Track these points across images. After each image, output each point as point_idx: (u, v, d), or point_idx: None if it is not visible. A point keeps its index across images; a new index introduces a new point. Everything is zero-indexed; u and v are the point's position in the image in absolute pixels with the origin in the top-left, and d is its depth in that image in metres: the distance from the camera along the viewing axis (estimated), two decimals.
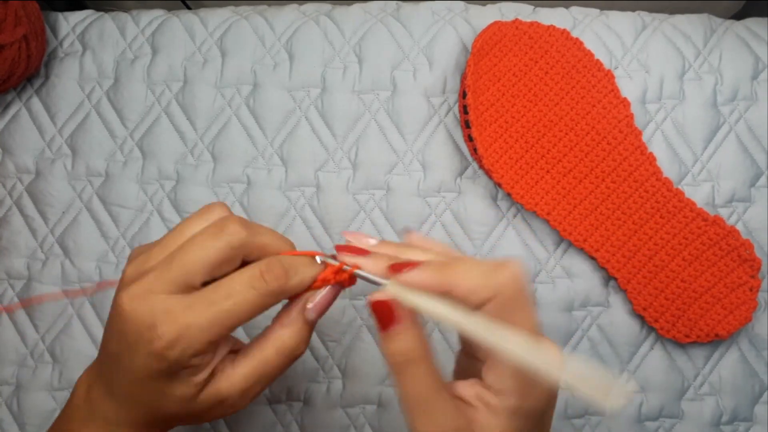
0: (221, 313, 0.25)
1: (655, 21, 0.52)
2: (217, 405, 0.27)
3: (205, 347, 0.25)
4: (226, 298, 0.25)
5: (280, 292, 0.26)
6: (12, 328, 0.48)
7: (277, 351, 0.27)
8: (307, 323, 0.28)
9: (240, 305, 0.25)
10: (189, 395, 0.26)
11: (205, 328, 0.24)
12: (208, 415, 0.27)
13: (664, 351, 0.47)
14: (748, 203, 0.48)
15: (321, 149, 0.50)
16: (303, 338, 0.28)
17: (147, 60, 0.52)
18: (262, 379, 0.27)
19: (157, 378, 0.25)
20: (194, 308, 0.25)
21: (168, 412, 0.27)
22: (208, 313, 0.25)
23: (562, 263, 0.48)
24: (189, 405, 0.26)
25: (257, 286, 0.25)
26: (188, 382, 0.26)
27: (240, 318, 0.25)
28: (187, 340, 0.24)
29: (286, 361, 0.27)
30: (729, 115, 0.50)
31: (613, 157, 0.47)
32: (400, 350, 0.24)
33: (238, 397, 0.27)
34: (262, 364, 0.27)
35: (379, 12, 0.53)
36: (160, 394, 0.26)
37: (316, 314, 0.27)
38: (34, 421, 0.46)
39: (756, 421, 0.46)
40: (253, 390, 0.27)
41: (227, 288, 0.25)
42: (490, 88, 0.48)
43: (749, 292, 0.45)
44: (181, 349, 0.24)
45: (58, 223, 0.50)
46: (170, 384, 0.26)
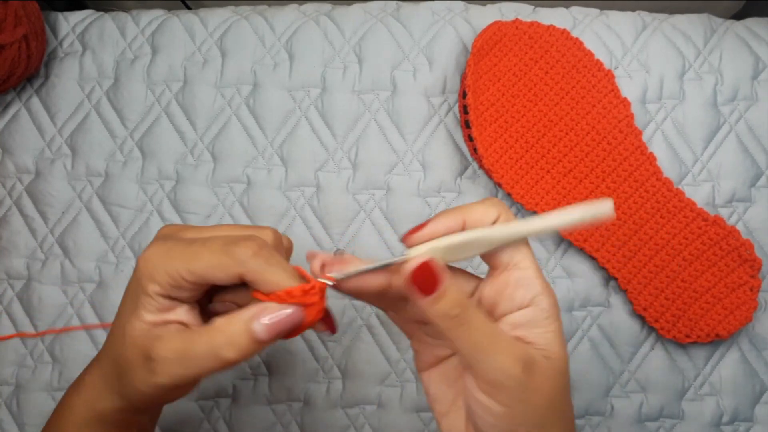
0: (188, 253, 0.26)
1: (655, 21, 0.52)
2: (144, 362, 0.26)
3: (163, 278, 0.26)
4: (200, 244, 0.26)
5: (240, 261, 0.26)
6: (12, 329, 0.48)
7: (211, 354, 0.26)
8: (252, 338, 0.25)
9: (206, 254, 0.26)
10: (135, 331, 0.27)
11: (170, 259, 0.26)
12: (139, 379, 0.27)
13: (665, 351, 0.47)
14: (749, 203, 0.48)
15: (321, 149, 0.50)
16: (240, 354, 0.25)
17: (147, 60, 0.52)
18: (186, 363, 0.26)
19: (128, 302, 0.28)
20: (178, 245, 0.27)
21: (122, 358, 0.27)
22: (181, 250, 0.26)
23: (562, 263, 0.48)
24: (131, 349, 0.27)
25: (226, 246, 0.26)
26: (140, 317, 0.27)
27: (199, 265, 0.26)
28: (154, 262, 0.26)
29: (216, 366, 0.26)
30: (729, 115, 0.50)
31: (614, 157, 0.47)
32: (455, 302, 0.25)
33: (162, 363, 0.26)
34: (192, 354, 0.26)
35: (379, 12, 0.53)
36: (123, 327, 0.27)
37: (268, 334, 0.25)
38: (33, 421, 0.46)
39: (756, 422, 0.46)
40: (175, 369, 0.26)
41: (207, 241, 0.27)
42: (490, 88, 0.48)
43: (749, 292, 0.45)
44: (146, 267, 0.26)
45: (57, 223, 0.50)
46: (132, 313, 0.27)
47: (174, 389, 0.27)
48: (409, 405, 0.46)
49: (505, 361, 0.24)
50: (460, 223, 0.26)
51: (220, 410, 0.46)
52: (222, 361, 0.25)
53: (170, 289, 0.26)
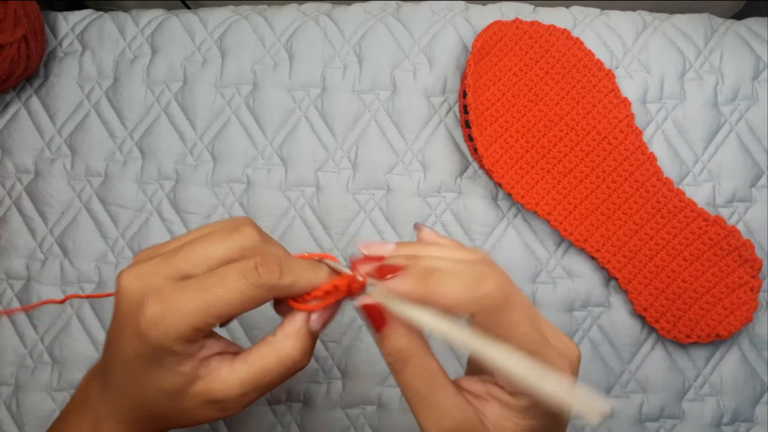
0: (209, 298, 0.24)
1: (655, 21, 0.52)
2: (208, 405, 0.26)
3: (189, 332, 0.24)
4: (216, 285, 0.24)
5: (272, 287, 0.25)
6: (11, 329, 0.48)
7: (280, 361, 0.26)
8: (312, 335, 0.27)
9: (229, 293, 0.24)
10: (175, 388, 0.25)
11: (191, 312, 0.24)
12: (198, 416, 0.27)
13: (665, 351, 0.47)
14: (749, 203, 0.48)
15: (321, 149, 0.50)
16: (307, 350, 0.27)
17: (146, 60, 0.52)
18: (259, 387, 0.26)
19: (143, 363, 0.25)
20: (184, 291, 0.24)
21: (155, 406, 0.26)
22: (196, 297, 0.24)
23: (562, 263, 0.48)
24: (176, 401, 0.26)
25: (249, 276, 0.25)
26: (173, 371, 0.25)
27: (228, 307, 0.24)
28: (171, 320, 0.24)
29: (287, 372, 0.26)
30: (730, 115, 0.50)
31: (614, 157, 0.47)
32: (393, 349, 0.24)
33: (233, 401, 0.26)
34: (262, 371, 0.26)
35: (379, 12, 0.53)
36: (146, 384, 0.26)
37: (321, 324, 0.27)
38: (33, 421, 0.46)
39: (757, 422, 0.46)
40: (248, 396, 0.26)
41: (220, 276, 0.25)
42: (491, 87, 0.48)
43: (750, 293, 0.45)
44: (163, 329, 0.24)
45: (57, 223, 0.50)
46: (156, 372, 0.25)
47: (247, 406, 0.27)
48: None
49: (431, 424, 0.24)
50: (423, 298, 0.23)
51: None
52: (294, 366, 0.26)
53: (195, 336, 0.25)
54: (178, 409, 0.26)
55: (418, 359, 0.24)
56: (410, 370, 0.24)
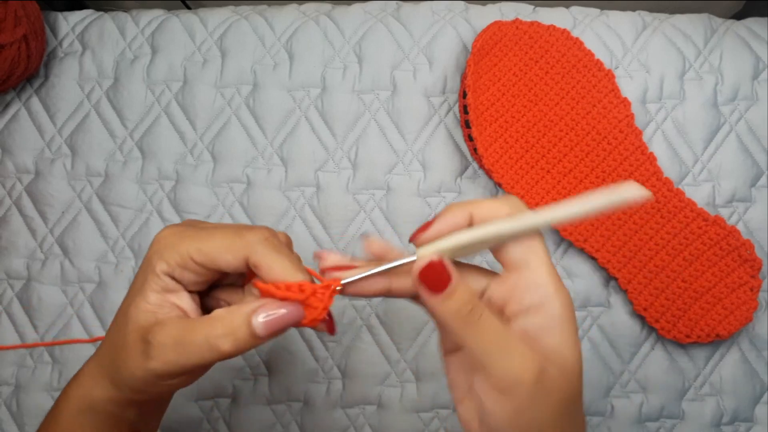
0: (201, 236, 0.27)
1: (655, 21, 0.52)
2: (139, 343, 0.27)
3: (172, 258, 0.27)
4: (213, 229, 0.28)
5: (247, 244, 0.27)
6: (11, 329, 0.48)
7: (208, 346, 0.26)
8: (251, 334, 0.25)
9: (216, 237, 0.27)
10: (136, 310, 0.27)
11: (182, 242, 0.27)
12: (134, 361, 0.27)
13: (665, 351, 0.47)
14: (749, 203, 0.48)
15: (321, 149, 0.50)
16: (238, 348, 0.25)
17: (147, 60, 0.52)
18: (182, 353, 0.26)
19: (136, 282, 0.28)
20: (192, 229, 0.28)
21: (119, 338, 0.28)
22: (194, 234, 0.27)
23: (562, 263, 0.48)
24: (129, 328, 0.27)
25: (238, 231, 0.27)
26: (145, 295, 0.27)
27: (209, 247, 0.27)
28: (166, 242, 0.27)
29: (212, 358, 0.26)
30: (729, 115, 0.50)
31: (614, 157, 0.47)
32: (465, 301, 0.24)
33: (157, 348, 0.26)
34: (189, 343, 0.26)
35: (379, 12, 0.53)
36: (125, 310, 0.28)
37: (266, 330, 0.25)
38: (33, 421, 0.46)
39: (756, 422, 0.46)
40: (169, 355, 0.26)
41: (221, 228, 0.28)
42: (490, 87, 0.48)
43: (750, 292, 0.45)
44: (157, 248, 0.27)
45: (57, 223, 0.50)
46: (138, 293, 0.27)
47: (166, 377, 0.27)
48: (409, 405, 0.46)
49: (516, 367, 0.24)
50: (466, 218, 0.26)
51: (220, 410, 0.46)
52: (217, 352, 0.25)
53: (177, 269, 0.27)
54: (127, 343, 0.27)
55: (485, 313, 0.25)
56: (485, 318, 0.24)
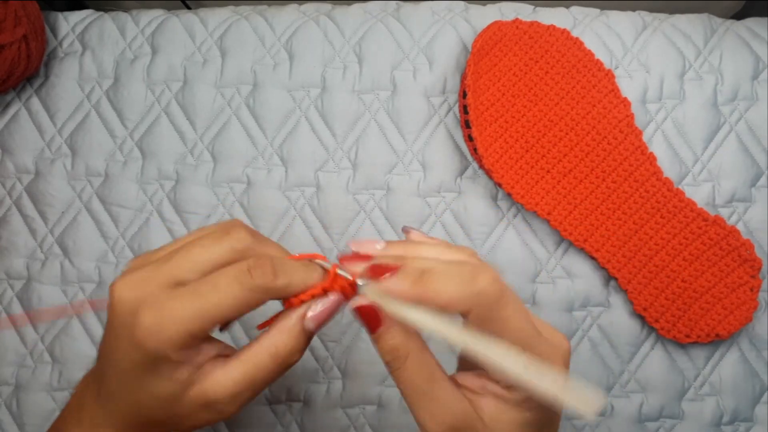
0: (204, 305, 0.24)
1: (655, 21, 0.52)
2: (204, 409, 0.26)
3: (185, 339, 0.24)
4: (210, 290, 0.24)
5: (266, 289, 0.25)
6: (12, 329, 0.48)
7: (272, 357, 0.26)
8: (305, 332, 0.26)
9: (224, 298, 0.24)
10: (171, 394, 0.25)
11: (187, 319, 0.24)
12: (194, 420, 0.26)
13: (665, 351, 0.47)
14: (749, 203, 0.48)
15: (321, 149, 0.50)
16: (299, 347, 0.26)
17: (147, 60, 0.52)
18: (253, 385, 0.26)
19: (139, 371, 0.25)
20: (178, 298, 0.24)
21: (151, 414, 0.26)
22: (191, 304, 0.24)
23: (562, 263, 0.48)
24: (172, 406, 0.26)
25: (243, 280, 0.24)
26: (170, 378, 0.25)
27: (223, 311, 0.24)
28: (167, 329, 0.24)
29: (279, 369, 0.26)
30: (729, 115, 0.50)
31: (614, 157, 0.47)
32: (390, 348, 0.25)
33: (227, 401, 0.26)
34: (255, 368, 0.26)
35: (379, 12, 0.53)
36: (142, 391, 0.25)
37: (315, 324, 0.26)
38: (33, 421, 0.46)
39: (756, 422, 0.46)
40: (243, 396, 0.26)
41: (213, 281, 0.25)
42: (490, 87, 0.48)
43: (750, 292, 0.45)
44: (159, 338, 0.24)
45: (57, 223, 0.50)
46: (152, 379, 0.25)
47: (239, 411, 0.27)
48: None
49: (430, 419, 0.24)
50: (418, 298, 0.23)
51: None
52: (285, 362, 0.26)
53: (191, 343, 0.25)
54: (174, 415, 0.26)
55: (414, 356, 0.25)
56: (407, 368, 0.24)
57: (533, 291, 0.47)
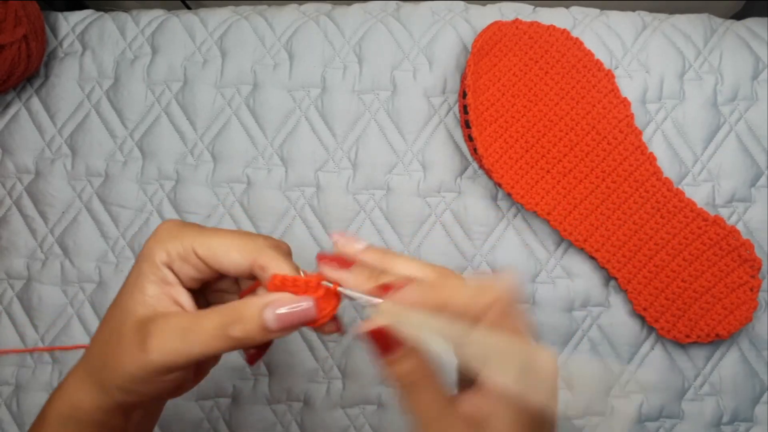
0: (206, 233, 0.27)
1: (655, 21, 0.52)
2: (136, 334, 0.25)
3: (172, 247, 0.26)
4: (222, 231, 0.27)
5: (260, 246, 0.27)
6: (12, 329, 0.48)
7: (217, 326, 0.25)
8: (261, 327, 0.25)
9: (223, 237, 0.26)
10: (132, 301, 0.26)
11: (185, 235, 0.26)
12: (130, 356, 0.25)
13: (665, 351, 0.47)
14: (749, 203, 0.48)
15: (321, 149, 0.50)
16: (248, 336, 0.25)
17: (147, 60, 0.52)
18: (188, 340, 0.25)
19: (131, 276, 0.27)
20: (195, 226, 0.27)
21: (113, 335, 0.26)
22: (197, 230, 0.27)
23: (562, 263, 0.48)
24: (125, 321, 0.26)
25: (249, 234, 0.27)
26: (141, 286, 0.26)
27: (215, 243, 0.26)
28: (167, 233, 0.27)
29: (224, 344, 0.25)
30: (729, 115, 0.50)
31: (614, 157, 0.47)
32: (405, 373, 0.24)
33: (157, 340, 0.25)
34: (196, 327, 0.25)
35: (379, 12, 0.53)
36: (119, 305, 0.27)
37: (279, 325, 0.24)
38: (33, 421, 0.46)
39: (756, 422, 0.46)
40: (171, 343, 0.25)
41: (227, 230, 0.27)
42: (490, 88, 0.48)
43: (750, 292, 0.45)
44: (158, 237, 0.27)
45: (57, 223, 0.50)
46: (133, 286, 0.26)
47: (164, 371, 0.25)
48: None
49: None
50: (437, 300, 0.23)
51: (220, 410, 0.46)
52: (227, 339, 0.24)
53: (177, 261, 0.26)
54: (121, 337, 0.26)
55: (429, 382, 0.24)
56: (422, 394, 0.24)
57: (533, 291, 0.47)
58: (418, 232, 0.48)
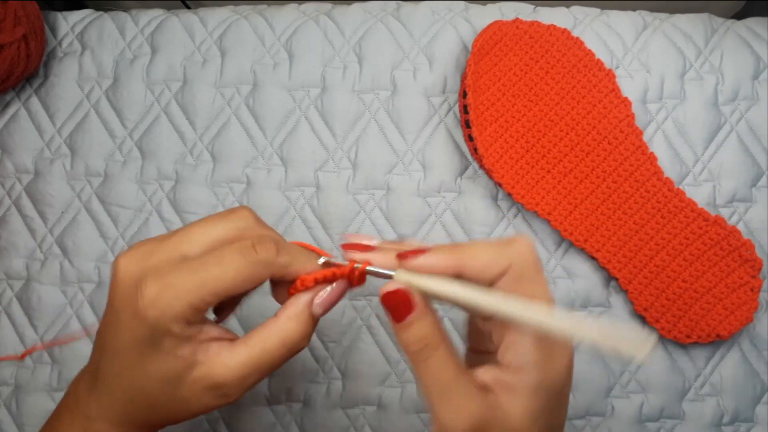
0: (207, 277, 0.24)
1: (655, 20, 0.52)
2: (208, 391, 0.25)
3: (188, 312, 0.24)
4: (214, 263, 0.24)
5: (269, 263, 0.25)
6: (11, 329, 0.48)
7: (280, 342, 0.26)
8: (312, 318, 0.27)
9: (227, 271, 0.24)
10: (174, 373, 0.25)
11: (189, 290, 0.24)
12: (197, 405, 0.26)
13: (665, 351, 0.47)
14: (749, 203, 0.48)
15: (321, 149, 0.50)
16: (307, 332, 0.27)
17: (146, 60, 0.52)
18: (260, 369, 0.26)
19: (140, 348, 0.25)
20: (182, 270, 0.24)
21: (152, 398, 0.26)
22: (194, 275, 0.24)
23: (562, 263, 0.48)
24: (175, 388, 0.25)
25: (246, 254, 0.25)
26: (172, 354, 0.25)
27: (226, 284, 0.24)
28: (169, 299, 0.24)
29: (287, 354, 0.26)
30: (730, 115, 0.50)
31: (614, 157, 0.47)
32: (417, 337, 0.24)
33: (234, 384, 0.25)
34: (263, 353, 0.26)
35: (379, 12, 0.53)
36: (142, 372, 0.25)
37: (323, 309, 0.27)
38: (32, 421, 0.46)
39: (757, 422, 0.46)
40: (249, 380, 0.26)
41: (217, 254, 0.25)
42: (491, 87, 0.48)
43: (750, 293, 0.45)
44: (161, 308, 0.24)
45: (57, 223, 0.50)
46: (153, 356, 0.25)
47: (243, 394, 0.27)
48: (409, 406, 0.46)
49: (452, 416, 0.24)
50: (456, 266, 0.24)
51: (220, 411, 0.46)
52: (294, 347, 0.26)
53: (194, 316, 0.25)
54: (176, 399, 0.26)
55: (441, 348, 0.24)
56: (433, 360, 0.24)
57: None
58: (418, 232, 0.48)
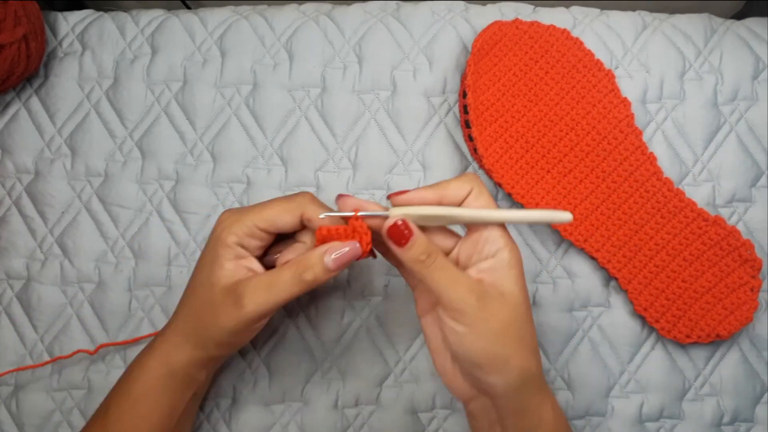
0: (261, 210, 0.35)
1: (655, 21, 0.52)
2: (232, 297, 0.34)
3: (244, 232, 0.35)
4: (266, 205, 0.36)
5: (302, 204, 0.35)
6: (11, 329, 0.48)
7: (293, 275, 0.34)
8: (326, 270, 0.33)
9: (273, 206, 0.35)
10: (216, 278, 0.34)
11: (248, 219, 0.35)
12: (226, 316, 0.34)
13: (665, 351, 0.47)
14: (749, 203, 0.48)
15: (321, 149, 0.50)
16: (317, 278, 0.33)
17: (147, 60, 0.52)
18: (273, 290, 0.33)
19: (210, 258, 0.35)
20: (247, 210, 0.36)
21: (210, 306, 0.34)
22: (252, 210, 0.35)
23: (562, 263, 0.48)
24: (214, 293, 0.34)
25: (289, 199, 0.36)
26: (224, 264, 0.35)
27: (272, 215, 0.35)
28: (233, 222, 0.35)
29: (300, 288, 0.34)
30: (730, 115, 0.50)
31: (614, 157, 0.47)
32: (421, 251, 0.32)
33: (253, 295, 0.33)
34: (278, 280, 0.34)
35: (379, 12, 0.53)
36: (208, 282, 0.35)
37: (336, 266, 0.33)
38: (32, 421, 0.46)
39: (757, 422, 0.46)
40: (260, 297, 0.33)
41: (269, 201, 0.36)
42: (491, 87, 0.48)
43: (750, 293, 0.45)
44: (227, 226, 0.35)
45: (57, 223, 0.50)
46: (214, 264, 0.35)
47: (257, 320, 0.34)
48: (408, 406, 0.46)
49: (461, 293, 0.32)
50: (436, 197, 0.33)
51: (220, 411, 0.46)
52: (303, 282, 0.33)
53: (245, 238, 0.35)
54: (215, 304, 0.34)
55: (442, 255, 0.32)
56: (439, 262, 0.32)
57: (534, 291, 0.47)
58: None
